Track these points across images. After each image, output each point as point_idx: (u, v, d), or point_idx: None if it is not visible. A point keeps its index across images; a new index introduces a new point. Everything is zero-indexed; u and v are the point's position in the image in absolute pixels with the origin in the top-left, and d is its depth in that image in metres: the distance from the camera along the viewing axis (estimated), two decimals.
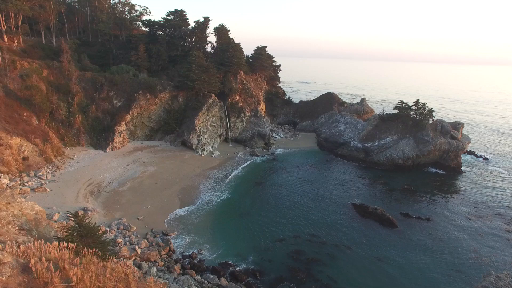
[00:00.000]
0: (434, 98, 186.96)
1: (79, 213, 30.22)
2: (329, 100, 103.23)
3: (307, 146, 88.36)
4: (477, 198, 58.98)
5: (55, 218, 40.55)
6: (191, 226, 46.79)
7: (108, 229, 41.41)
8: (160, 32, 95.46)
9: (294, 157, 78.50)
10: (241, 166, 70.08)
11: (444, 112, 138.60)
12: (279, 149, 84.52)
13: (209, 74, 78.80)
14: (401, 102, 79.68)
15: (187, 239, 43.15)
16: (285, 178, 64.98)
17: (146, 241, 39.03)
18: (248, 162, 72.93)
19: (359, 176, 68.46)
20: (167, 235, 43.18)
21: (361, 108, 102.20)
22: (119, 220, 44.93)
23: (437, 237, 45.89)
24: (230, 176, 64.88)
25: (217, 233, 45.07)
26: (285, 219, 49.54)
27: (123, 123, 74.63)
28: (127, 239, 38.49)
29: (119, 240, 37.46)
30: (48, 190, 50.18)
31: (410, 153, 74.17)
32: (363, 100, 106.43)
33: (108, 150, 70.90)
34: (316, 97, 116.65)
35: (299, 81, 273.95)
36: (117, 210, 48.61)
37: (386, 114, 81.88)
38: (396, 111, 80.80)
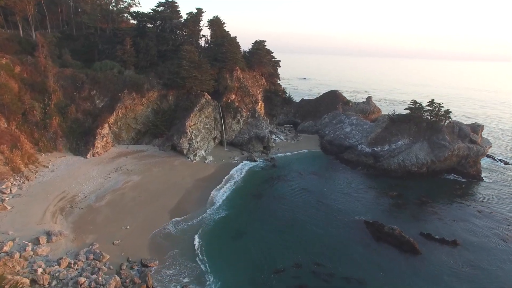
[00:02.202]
0: (440, 97, 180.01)
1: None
2: (332, 99, 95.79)
3: (310, 149, 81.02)
4: (507, 212, 51.89)
5: (6, 248, 33.14)
6: (177, 250, 39.67)
7: (73, 261, 34.11)
8: (149, 25, 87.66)
9: (295, 163, 71.19)
10: (238, 175, 62.67)
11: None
12: (279, 153, 77.24)
13: (202, 70, 71.22)
14: (414, 102, 72.33)
15: (171, 270, 35.92)
16: (286, 189, 57.73)
17: (118, 279, 31.66)
18: (246, 170, 65.57)
19: (369, 185, 61.25)
20: (146, 265, 35.93)
21: (367, 107, 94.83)
22: (90, 247, 37.59)
23: (471, 266, 38.68)
24: (225, 187, 57.61)
25: (208, 261, 37.88)
26: (286, 242, 42.40)
27: (106, 125, 67.14)
28: (94, 277, 31.11)
29: (82, 280, 30.07)
30: (9, 208, 42.77)
31: (425, 158, 66.97)
32: (369, 99, 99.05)
33: (88, 156, 63.49)
34: (318, 95, 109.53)
35: (298, 77, 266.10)
36: (90, 232, 41.25)
37: (397, 115, 74.53)
38: (407, 111, 73.39)
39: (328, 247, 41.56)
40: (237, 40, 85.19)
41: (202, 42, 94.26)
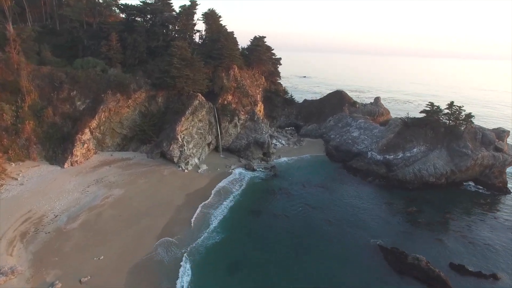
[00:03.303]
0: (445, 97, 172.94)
1: None
2: (338, 100, 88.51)
3: (314, 155, 73.86)
4: None
5: None
6: None
7: None
8: (138, 19, 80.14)
9: (298, 172, 63.99)
10: (236, 189, 55.46)
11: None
12: (280, 159, 70.17)
13: (195, 69, 63.83)
14: (431, 104, 65.04)
15: None
16: (288, 205, 50.55)
17: None
18: (244, 182, 58.31)
19: (383, 200, 54.11)
20: None
21: (375, 109, 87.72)
22: None
23: None
24: (221, 204, 50.43)
25: None
26: (288, 276, 35.27)
27: (87, 130, 59.84)
28: None
29: None
30: None
31: (444, 168, 59.89)
32: (377, 99, 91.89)
33: (66, 165, 56.28)
34: (321, 95, 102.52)
35: (298, 75, 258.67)
36: (54, 266, 34.04)
37: (411, 118, 67.29)
38: (423, 115, 66.17)
39: (339, 283, 34.46)
40: (234, 36, 77.67)
41: (196, 38, 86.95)
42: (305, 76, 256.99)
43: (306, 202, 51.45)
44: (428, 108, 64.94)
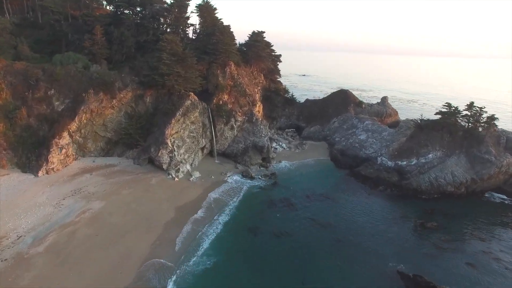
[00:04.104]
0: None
1: None
2: (342, 100, 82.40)
3: (317, 160, 67.68)
4: None
5: None
6: None
7: None
8: (126, 11, 73.64)
9: (301, 179, 57.83)
10: (231, 201, 49.25)
11: None
12: (281, 164, 64.06)
13: (187, 65, 57.44)
14: (448, 105, 58.86)
15: None
16: (290, 221, 44.34)
17: None
18: (241, 191, 52.15)
19: (398, 213, 47.99)
20: None
21: (383, 109, 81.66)
22: None
23: None
24: (215, 220, 44.24)
25: None
26: None
27: (65, 133, 53.55)
28: None
29: None
30: None
31: (463, 176, 53.87)
32: (384, 99, 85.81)
33: (40, 173, 50.01)
34: (323, 94, 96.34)
35: (297, 74, 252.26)
36: None
37: (425, 120, 61.12)
38: (438, 116, 60.09)
39: None
40: (231, 30, 71.28)
41: (190, 33, 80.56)
42: (304, 75, 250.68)
43: (311, 217, 45.24)
44: (444, 109, 58.84)
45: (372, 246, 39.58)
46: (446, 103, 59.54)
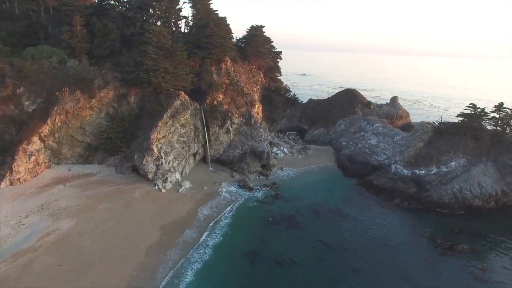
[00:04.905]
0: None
1: None
2: (349, 100, 75.53)
3: (323, 167, 60.85)
4: None
5: None
6: None
7: None
8: (111, 1, 66.63)
9: (306, 191, 50.95)
10: (225, 216, 42.42)
11: None
12: (282, 171, 57.28)
13: (176, 60, 50.48)
14: (473, 106, 52.09)
15: None
16: (296, 244, 37.41)
17: None
18: (237, 206, 45.26)
19: (422, 232, 41.07)
20: None
21: (393, 110, 74.88)
22: None
23: None
24: (202, 239, 37.33)
25: None
26: None
27: (35, 138, 46.50)
28: None
29: None
30: None
31: (492, 188, 47.14)
32: (394, 99, 79.04)
33: (3, 185, 43.12)
34: (328, 95, 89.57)
35: (297, 73, 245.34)
36: None
37: (444, 123, 54.30)
38: (460, 119, 53.34)
39: None
40: (228, 23, 64.25)
41: (182, 26, 73.53)
42: (304, 74, 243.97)
43: (320, 238, 38.30)
44: (468, 111, 52.05)
45: (396, 278, 32.69)
46: (471, 103, 52.76)
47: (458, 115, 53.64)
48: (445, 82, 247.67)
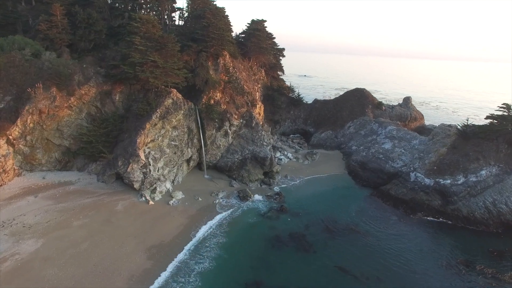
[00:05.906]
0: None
1: None
2: (358, 100, 69.33)
3: (332, 175, 54.52)
4: None
5: None
6: None
7: None
8: None
9: (315, 203, 44.62)
10: (221, 235, 35.91)
11: None
12: (287, 180, 51.04)
13: (167, 53, 44.09)
14: (507, 106, 45.84)
15: None
16: (307, 270, 30.99)
17: None
18: (236, 222, 38.79)
19: (454, 255, 34.78)
20: None
21: (406, 112, 68.79)
22: None
23: None
24: (193, 266, 30.80)
25: None
26: None
27: (1, 141, 40.27)
28: None
29: None
30: None
31: None
32: (407, 100, 73.02)
33: None
34: (331, 96, 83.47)
35: (298, 74, 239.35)
36: None
37: (470, 126, 48.07)
38: (489, 121, 47.15)
39: None
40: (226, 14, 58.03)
41: (176, 18, 67.35)
42: (305, 75, 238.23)
43: (336, 263, 31.90)
44: (500, 113, 45.82)
45: None
46: (504, 103, 46.55)
47: (487, 117, 47.40)
48: (450, 84, 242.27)
